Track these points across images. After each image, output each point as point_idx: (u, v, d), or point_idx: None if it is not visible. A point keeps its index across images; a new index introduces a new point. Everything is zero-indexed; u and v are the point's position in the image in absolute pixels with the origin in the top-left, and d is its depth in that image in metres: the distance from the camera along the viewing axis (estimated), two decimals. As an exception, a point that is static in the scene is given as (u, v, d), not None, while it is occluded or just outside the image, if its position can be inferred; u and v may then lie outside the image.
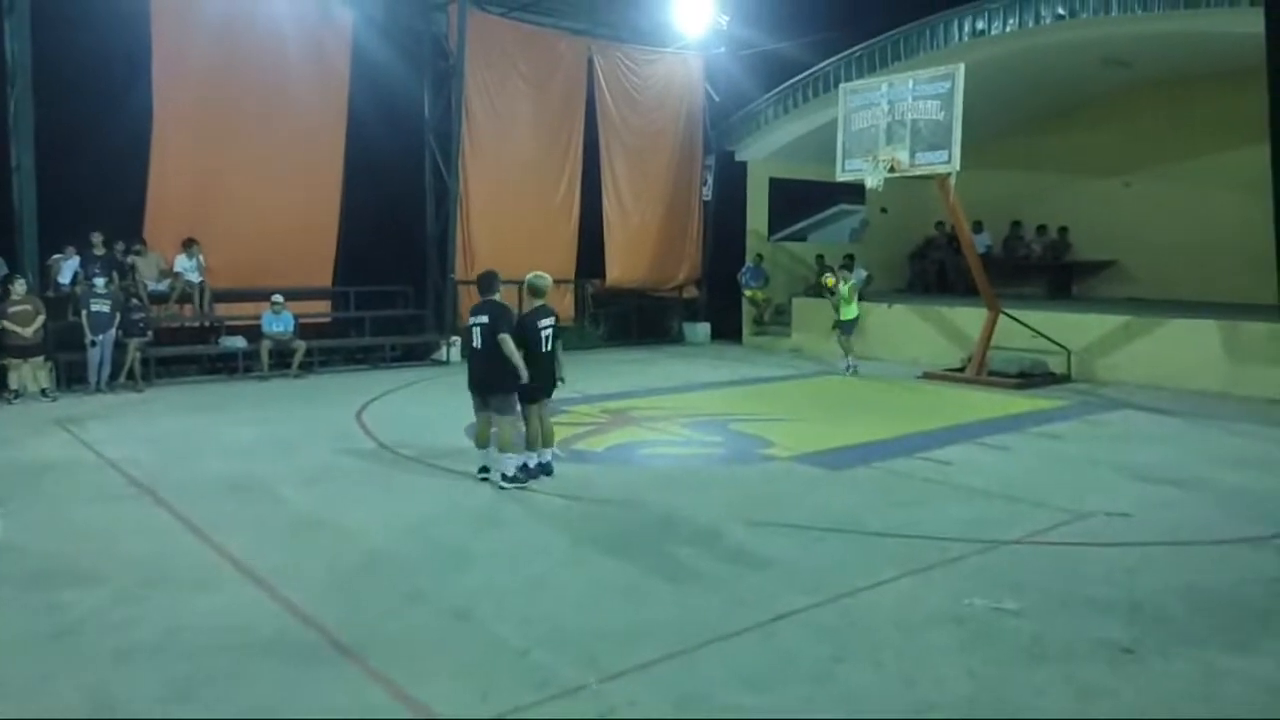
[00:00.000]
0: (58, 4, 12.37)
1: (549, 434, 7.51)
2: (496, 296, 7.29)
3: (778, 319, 18.58)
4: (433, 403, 11.36)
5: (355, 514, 6.56)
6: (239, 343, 13.51)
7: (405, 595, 5.01)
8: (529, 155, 16.91)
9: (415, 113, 16.26)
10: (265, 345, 13.36)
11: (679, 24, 18.16)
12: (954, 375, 13.55)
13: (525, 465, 7.25)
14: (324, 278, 15.21)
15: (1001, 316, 13.49)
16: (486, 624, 4.63)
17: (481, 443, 7.37)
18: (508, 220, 16.42)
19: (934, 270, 19.17)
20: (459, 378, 8.02)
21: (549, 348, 7.25)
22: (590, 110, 17.70)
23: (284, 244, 14.34)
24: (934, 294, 18.06)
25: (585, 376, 12.41)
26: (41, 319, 11.47)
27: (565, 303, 17.21)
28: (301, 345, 13.60)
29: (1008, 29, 14.26)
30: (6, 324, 11.22)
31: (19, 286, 11.49)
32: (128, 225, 13.49)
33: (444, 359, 15.16)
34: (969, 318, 14.50)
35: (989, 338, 13.52)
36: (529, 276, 7.46)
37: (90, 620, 4.63)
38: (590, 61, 17.60)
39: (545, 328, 7.23)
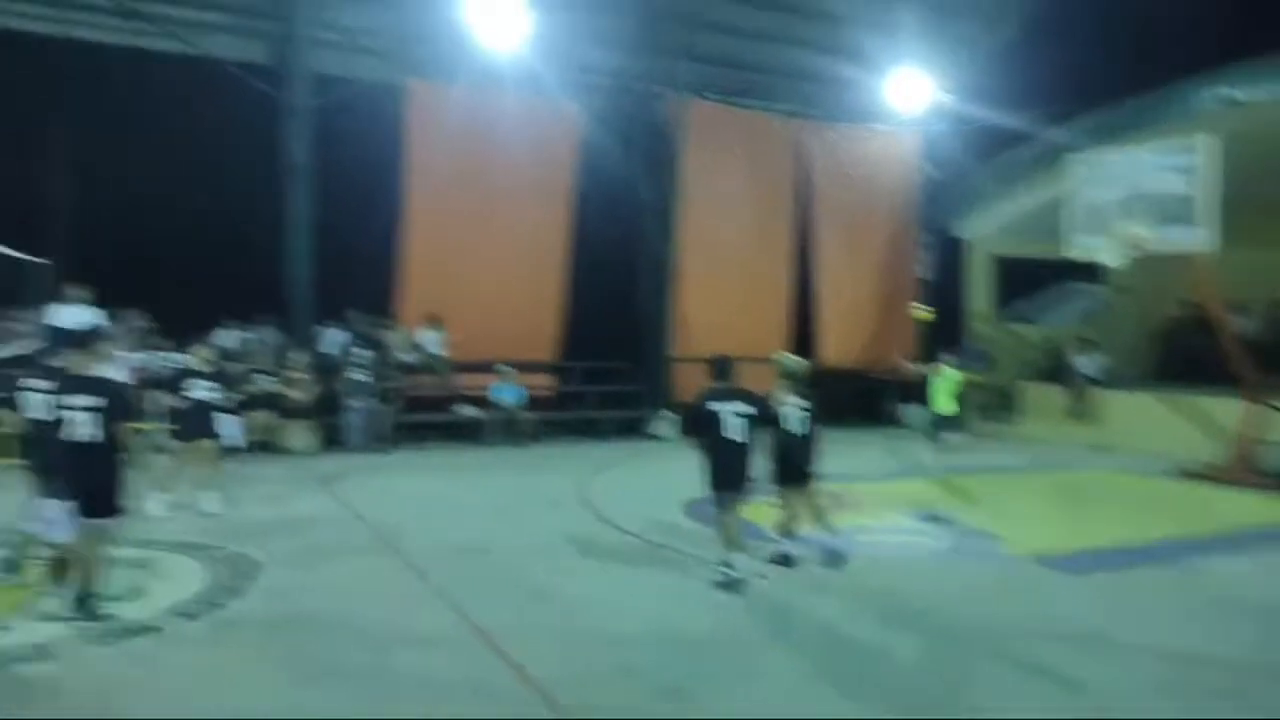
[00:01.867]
0: (331, 115, 14.21)
1: (798, 519, 7.32)
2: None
3: (1002, 404, 17.61)
4: (651, 477, 11.61)
5: (581, 586, 6.76)
6: (473, 411, 14.51)
7: (625, 669, 5.11)
8: (742, 234, 17.32)
9: (634, 196, 17.10)
10: (496, 415, 14.27)
11: (894, 102, 18.12)
12: (1210, 473, 12.23)
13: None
14: (549, 352, 16.13)
15: (1267, 409, 12.11)
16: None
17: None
18: (721, 298, 16.81)
19: (1182, 354, 17.51)
20: (674, 453, 7.91)
21: (805, 430, 7.15)
22: (803, 189, 17.92)
23: (513, 320, 15.42)
24: (1183, 380, 16.49)
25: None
26: (314, 386, 12.90)
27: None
28: (528, 416, 14.41)
29: (1263, 96, 13.12)
30: (284, 389, 12.70)
31: (294, 355, 13.01)
32: (381, 303, 15.01)
33: (658, 434, 15.50)
34: (1225, 408, 13.11)
35: (1254, 431, 12.14)
36: (781, 358, 7.46)
37: (339, 667, 5.08)
38: (802, 141, 17.88)
39: (802, 411, 7.15)
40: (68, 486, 5.64)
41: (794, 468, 7.14)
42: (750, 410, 6.70)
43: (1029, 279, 20.00)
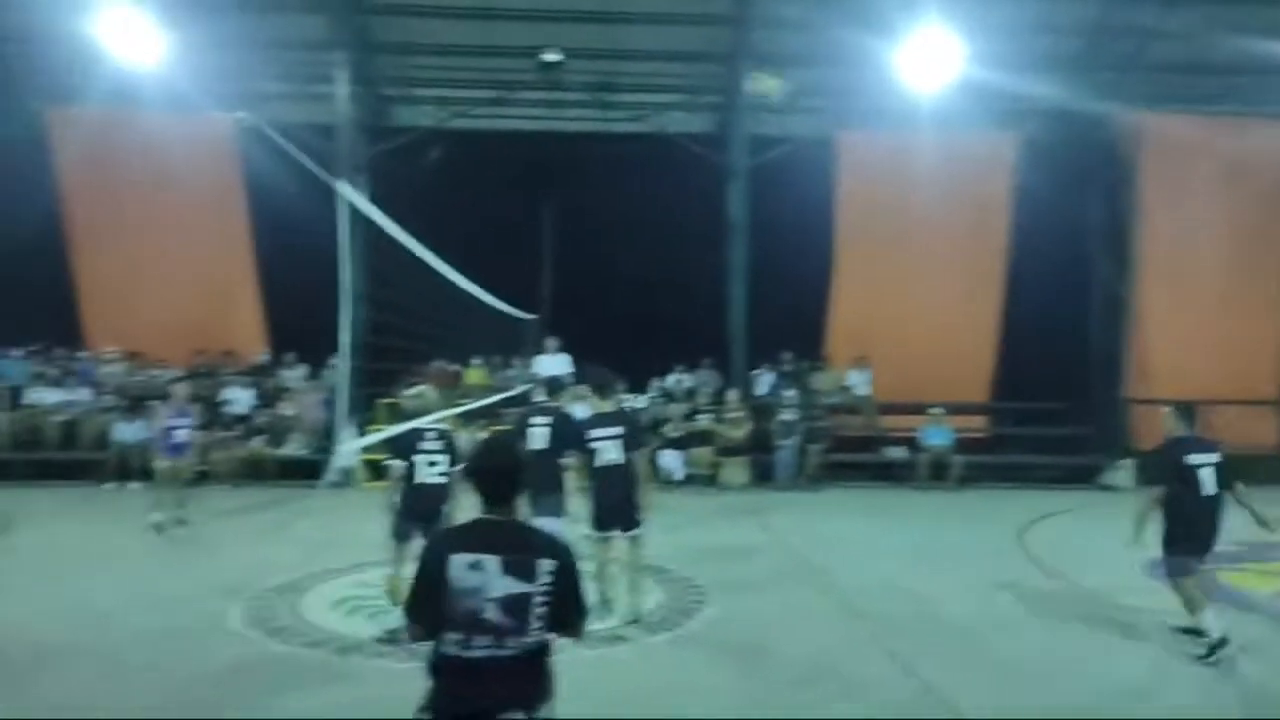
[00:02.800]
0: (766, 172, 15.18)
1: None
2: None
3: None
4: (1100, 533, 10.49)
5: (1032, 646, 6.40)
6: (900, 453, 14.38)
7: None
8: (1221, 260, 14.99)
9: (1080, 225, 15.75)
10: (923, 457, 13.99)
11: None
12: None
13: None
14: (980, 393, 15.43)
15: None
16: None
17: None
18: (1193, 333, 14.70)
19: None
20: (1128, 505, 7.06)
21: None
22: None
23: (943, 361, 15.03)
24: None
25: None
26: (749, 425, 13.79)
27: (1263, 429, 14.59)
28: (958, 459, 13.90)
29: None
30: (719, 428, 13.76)
31: (731, 395, 14.04)
32: (812, 346, 15.58)
33: (1114, 484, 13.93)
34: None
35: None
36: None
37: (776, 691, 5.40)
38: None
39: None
40: (601, 505, 6.67)
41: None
42: (1219, 462, 6.04)
43: None
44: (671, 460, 13.71)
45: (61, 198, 14.80)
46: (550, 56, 14.35)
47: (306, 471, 13.10)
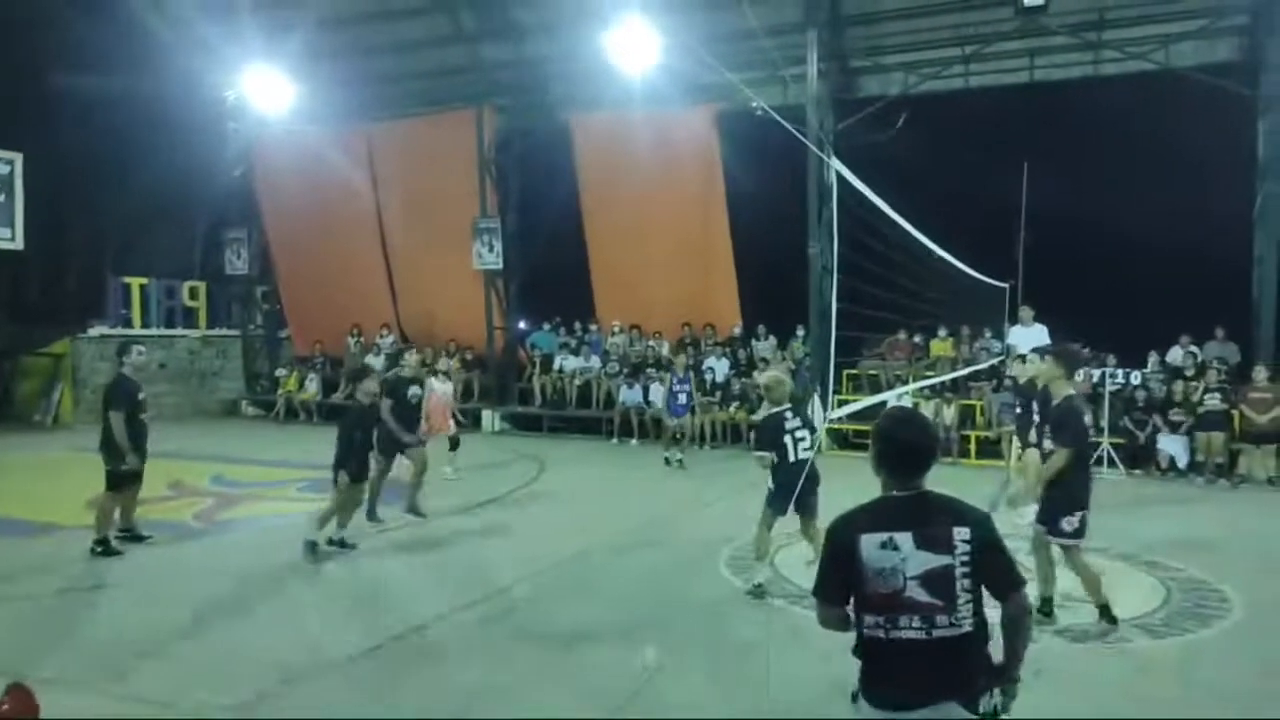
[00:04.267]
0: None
1: None
2: None
3: None
4: None
5: None
6: None
7: None
8: None
9: None
10: None
11: None
12: None
13: None
14: None
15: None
16: None
17: None
18: None
19: None
20: None
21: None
22: None
23: None
24: None
25: None
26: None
27: None
28: None
29: None
30: (1245, 408, 11.65)
31: (1259, 371, 11.79)
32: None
33: None
34: None
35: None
36: None
37: None
38: None
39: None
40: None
41: None
42: None
43: None
44: (1174, 445, 12.00)
45: (579, 193, 17.35)
46: (1031, 0, 13.18)
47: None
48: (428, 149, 17.54)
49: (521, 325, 18.92)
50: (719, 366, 15.69)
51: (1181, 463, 11.93)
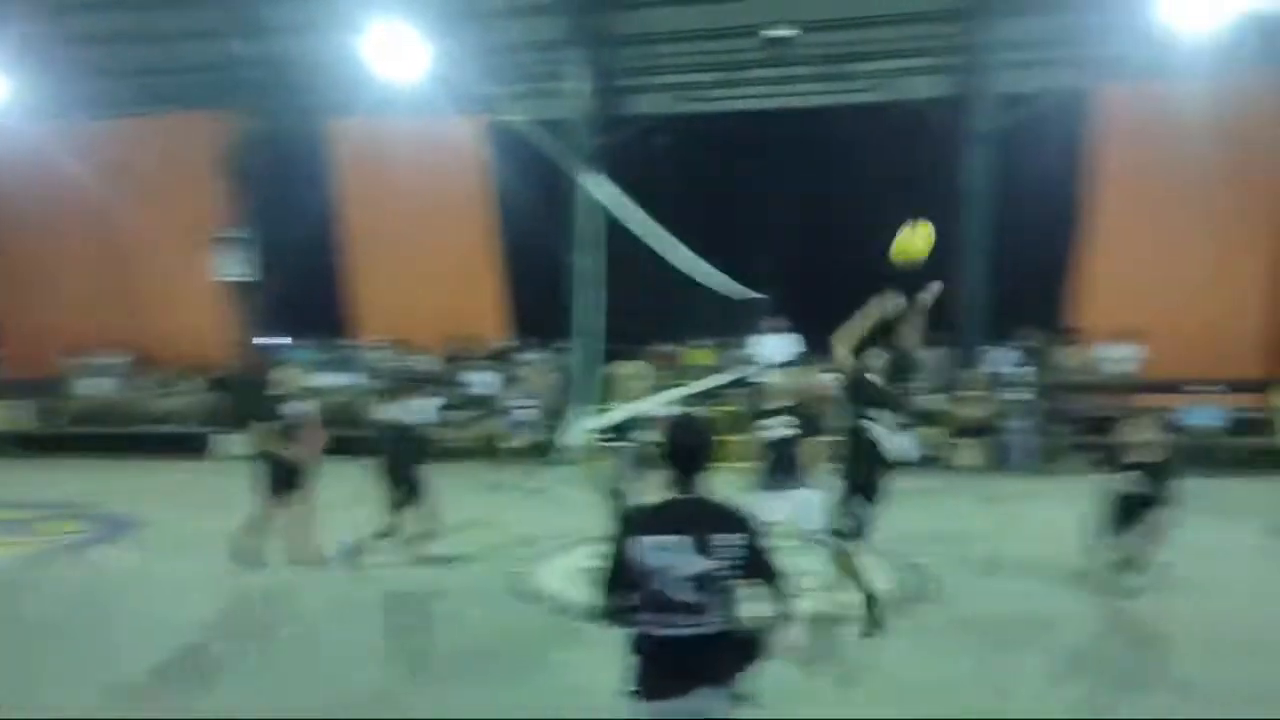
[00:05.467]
0: (1007, 133, 14.30)
1: None
2: None
3: None
4: None
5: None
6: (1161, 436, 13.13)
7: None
8: None
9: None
10: (1181, 440, 12.69)
11: None
12: None
13: None
14: (1255, 368, 13.78)
15: None
16: None
17: None
18: None
19: None
20: None
21: None
22: None
23: (1217, 332, 13.56)
24: None
25: None
26: (985, 405, 13.09)
27: None
28: (1224, 442, 12.52)
29: None
30: (956, 406, 13.19)
31: (970, 374, 13.43)
32: (1054, 316, 14.56)
33: None
34: None
35: None
36: None
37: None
38: None
39: None
40: None
41: None
42: None
43: None
44: (902, 440, 13.31)
45: (337, 202, 16.57)
46: (778, 32, 14.26)
47: (542, 450, 13.90)
48: (166, 151, 16.15)
49: (272, 341, 17.73)
50: (485, 380, 15.56)
51: (910, 455, 13.28)
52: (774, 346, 13.55)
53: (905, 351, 6.34)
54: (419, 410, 14.38)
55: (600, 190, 7.02)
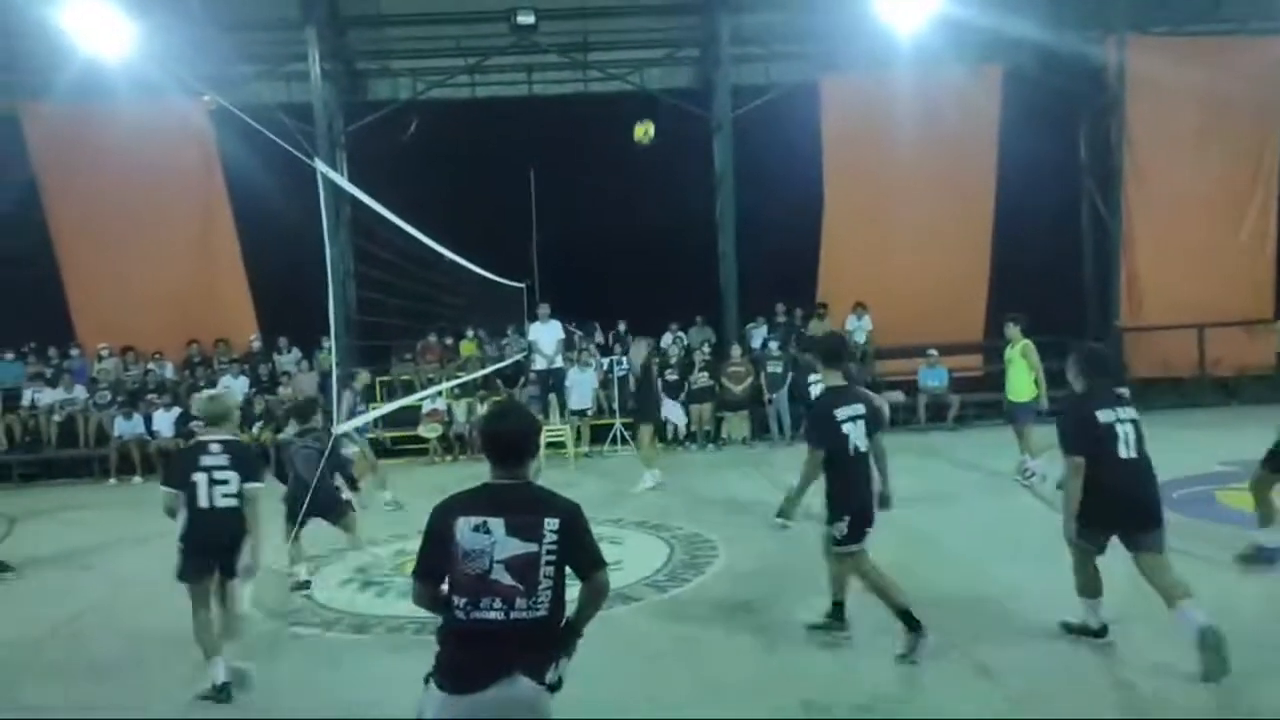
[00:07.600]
0: (750, 122, 15.02)
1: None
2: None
3: None
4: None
5: (1025, 576, 6.45)
6: (897, 397, 14.38)
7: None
8: (1207, 182, 14.93)
9: (1069, 155, 15.72)
10: (921, 399, 14.04)
11: None
12: None
13: None
14: (975, 332, 15.43)
15: None
16: None
17: None
18: (1180, 258, 14.74)
19: None
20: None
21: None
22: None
23: (937, 301, 15.03)
24: None
25: None
26: (750, 380, 13.74)
27: (1261, 348, 14.63)
28: (955, 399, 13.96)
29: None
30: (724, 381, 13.74)
31: (734, 350, 14.00)
32: (806, 293, 15.52)
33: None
34: None
35: None
36: None
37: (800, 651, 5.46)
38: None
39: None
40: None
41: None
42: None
43: None
44: (676, 414, 13.70)
45: (40, 194, 14.63)
46: (523, 19, 14.11)
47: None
48: None
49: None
50: (236, 385, 14.36)
51: (679, 426, 13.73)
52: (543, 333, 13.50)
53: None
54: (159, 421, 13.15)
55: (336, 178, 6.59)
